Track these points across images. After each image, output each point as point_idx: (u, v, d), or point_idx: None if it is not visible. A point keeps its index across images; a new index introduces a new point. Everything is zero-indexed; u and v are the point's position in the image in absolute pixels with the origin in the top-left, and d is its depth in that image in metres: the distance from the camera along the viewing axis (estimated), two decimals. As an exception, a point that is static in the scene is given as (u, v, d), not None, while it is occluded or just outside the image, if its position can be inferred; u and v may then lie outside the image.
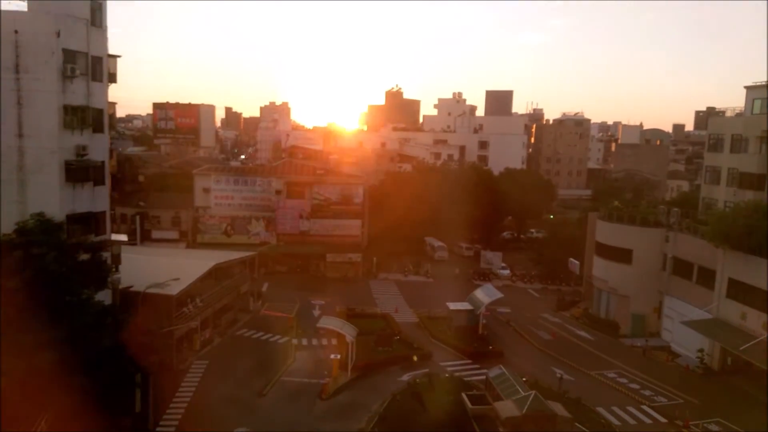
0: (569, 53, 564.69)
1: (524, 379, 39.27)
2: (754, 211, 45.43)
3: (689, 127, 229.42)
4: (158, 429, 35.08)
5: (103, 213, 40.57)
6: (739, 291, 44.69)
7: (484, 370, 41.79)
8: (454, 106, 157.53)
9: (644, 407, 40.10)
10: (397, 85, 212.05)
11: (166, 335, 40.07)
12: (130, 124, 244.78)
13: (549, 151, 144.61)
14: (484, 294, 54.82)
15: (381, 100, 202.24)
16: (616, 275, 56.85)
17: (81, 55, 37.50)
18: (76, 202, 37.89)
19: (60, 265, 29.35)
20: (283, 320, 54.71)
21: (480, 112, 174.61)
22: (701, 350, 47.18)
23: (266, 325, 53.86)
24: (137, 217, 72.89)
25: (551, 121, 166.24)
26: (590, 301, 62.17)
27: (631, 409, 39.80)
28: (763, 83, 55.20)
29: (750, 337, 41.98)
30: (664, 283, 53.84)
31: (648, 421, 38.28)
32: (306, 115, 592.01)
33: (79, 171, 37.88)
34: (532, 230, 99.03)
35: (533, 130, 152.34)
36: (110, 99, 41.48)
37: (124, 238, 48.69)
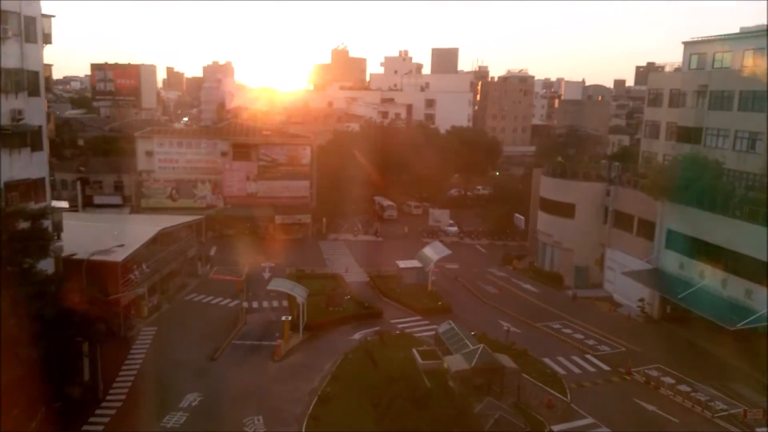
0: (513, 9, 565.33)
1: (472, 333, 40.24)
2: (692, 163, 47.04)
3: (630, 82, 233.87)
4: (108, 397, 34.66)
5: (42, 179, 39.27)
6: (677, 242, 46.47)
7: (434, 326, 42.63)
8: (401, 65, 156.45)
9: (588, 356, 41.70)
10: (342, 44, 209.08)
11: (113, 303, 39.25)
12: (67, 86, 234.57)
13: (494, 109, 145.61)
14: (433, 251, 55.54)
15: (327, 59, 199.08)
16: (559, 229, 58.35)
17: (13, 15, 35.69)
18: (14, 168, 36.45)
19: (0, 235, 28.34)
20: (232, 284, 54.40)
21: (426, 70, 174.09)
22: (642, 300, 49.15)
23: (216, 290, 53.41)
24: (78, 183, 70.60)
25: (496, 79, 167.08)
26: (535, 254, 63.77)
27: (575, 358, 41.34)
28: (701, 39, 56.57)
29: (688, 285, 43.90)
30: (606, 235, 55.56)
31: (592, 369, 39.86)
32: (251, 75, 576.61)
33: (15, 136, 36.42)
34: (479, 187, 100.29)
35: (479, 87, 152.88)
36: (46, 61, 39.82)
37: (65, 204, 47.11)
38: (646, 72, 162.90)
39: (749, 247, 39.17)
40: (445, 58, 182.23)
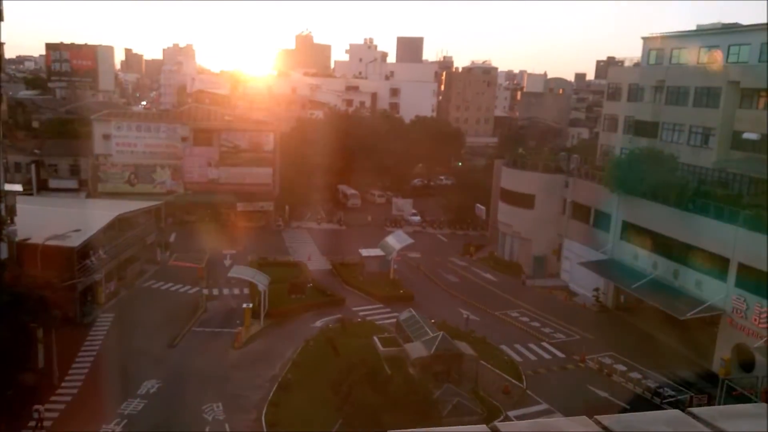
0: (479, 1, 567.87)
1: (433, 320, 40.77)
2: (648, 157, 48.23)
3: (590, 76, 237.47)
4: (63, 384, 34.11)
5: (-6, 162, 38.10)
6: (632, 233, 47.78)
7: (395, 314, 43.03)
8: (366, 52, 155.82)
9: (544, 344, 42.69)
10: (307, 29, 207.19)
11: (68, 288, 38.65)
12: (21, 66, 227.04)
13: (458, 99, 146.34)
14: (396, 240, 55.89)
15: (291, 45, 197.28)
16: (519, 220, 59.30)
17: (-41, -12, 34.38)
18: (-38, 150, 35.29)
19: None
20: (192, 271, 53.84)
21: (392, 59, 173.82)
22: (597, 289, 50.40)
23: (175, 276, 52.81)
24: (32, 166, 68.64)
25: (461, 69, 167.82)
26: (495, 244, 64.67)
27: (532, 345, 42.27)
28: (659, 35, 57.84)
29: (641, 276, 45.17)
30: (564, 226, 56.69)
31: (548, 356, 40.86)
32: (212, 59, 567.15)
33: (-37, 116, 35.22)
34: (442, 177, 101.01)
35: (443, 77, 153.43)
36: (-3, 39, 38.44)
37: (18, 188, 45.85)
38: (606, 66, 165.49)
39: (700, 240, 40.50)
40: (411, 48, 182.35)
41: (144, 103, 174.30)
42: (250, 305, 43.34)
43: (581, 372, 38.74)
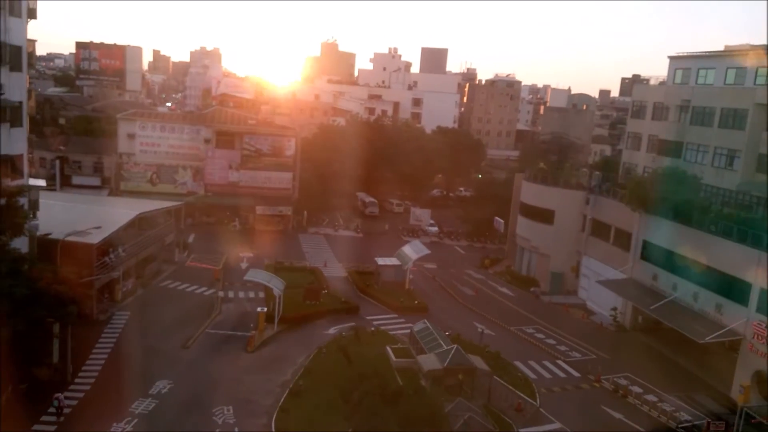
0: (504, 14, 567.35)
1: (447, 333, 40.46)
2: (671, 177, 47.66)
3: (615, 93, 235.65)
4: (77, 380, 34.27)
5: (20, 156, 38.74)
6: (652, 253, 47.15)
7: (409, 325, 42.76)
8: (390, 62, 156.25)
9: (559, 362, 42.17)
10: (332, 37, 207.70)
11: (86, 285, 38.90)
12: (51, 64, 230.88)
13: (480, 111, 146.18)
14: (412, 250, 55.70)
15: (316, 52, 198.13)
16: (538, 234, 58.85)
17: (-4, -13, 35.02)
18: (-9, 144, 35.81)
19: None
20: (209, 272, 54.08)
21: (415, 69, 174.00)
22: (615, 309, 49.77)
23: (192, 277, 53.06)
24: (57, 162, 69.57)
25: (484, 82, 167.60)
26: (513, 258, 64.20)
27: (547, 363, 41.77)
28: (686, 54, 57.29)
29: (660, 297, 44.52)
30: (583, 243, 56.13)
31: (562, 375, 40.32)
32: (238, 63, 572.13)
33: (-6, 111, 35.73)
34: (461, 189, 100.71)
35: (466, 89, 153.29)
36: (30, 36, 39.16)
37: (42, 183, 46.49)
38: (631, 84, 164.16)
39: (722, 263, 39.82)
40: (434, 58, 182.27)
41: (169, 104, 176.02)
42: (265, 309, 43.37)
43: (596, 392, 38.19)
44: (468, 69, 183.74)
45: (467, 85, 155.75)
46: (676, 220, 44.52)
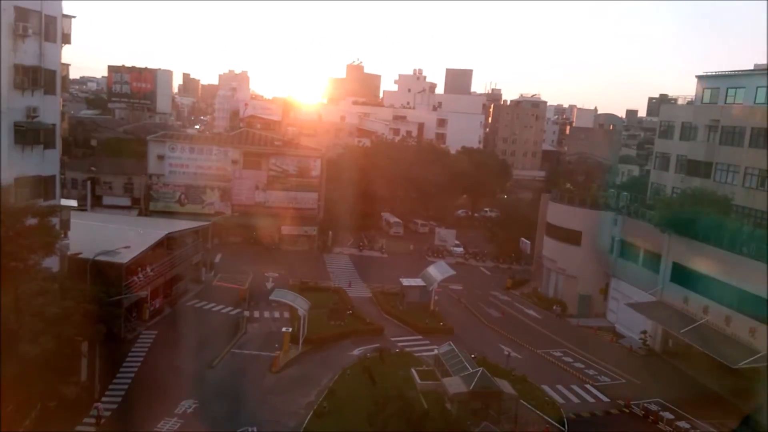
0: (528, 34, 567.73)
1: (473, 355, 40.05)
2: (700, 198, 46.91)
3: (642, 113, 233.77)
4: (103, 398, 34.52)
5: (53, 177, 39.51)
6: (682, 275, 46.21)
7: (434, 347, 42.44)
8: (414, 83, 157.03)
9: (588, 386, 41.41)
10: (358, 59, 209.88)
11: (115, 304, 39.34)
12: (84, 87, 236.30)
13: (505, 132, 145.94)
14: (437, 271, 55.44)
15: (342, 74, 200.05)
16: (564, 256, 58.19)
17: (34, 13, 36.20)
18: (25, 165, 36.72)
19: (6, 230, 28.46)
20: (235, 292, 54.38)
21: (440, 90, 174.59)
22: (644, 332, 48.82)
23: (218, 297, 53.43)
24: (88, 183, 70.91)
25: (509, 102, 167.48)
26: (540, 280, 63.52)
27: (575, 387, 41.04)
28: (714, 73, 56.67)
29: (691, 320, 43.57)
30: (611, 265, 55.33)
31: (591, 399, 39.56)
32: (265, 86, 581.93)
33: (29, 133, 36.76)
34: (486, 209, 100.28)
35: (491, 110, 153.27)
36: (64, 60, 40.23)
37: (73, 203, 47.29)
38: (658, 103, 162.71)
39: (755, 286, 38.89)
40: (459, 79, 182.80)
41: (198, 126, 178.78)
42: (290, 329, 43.41)
43: (626, 418, 37.35)
44: (493, 89, 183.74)
45: (492, 105, 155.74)
46: (706, 242, 43.68)
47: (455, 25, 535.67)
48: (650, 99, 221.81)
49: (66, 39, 39.96)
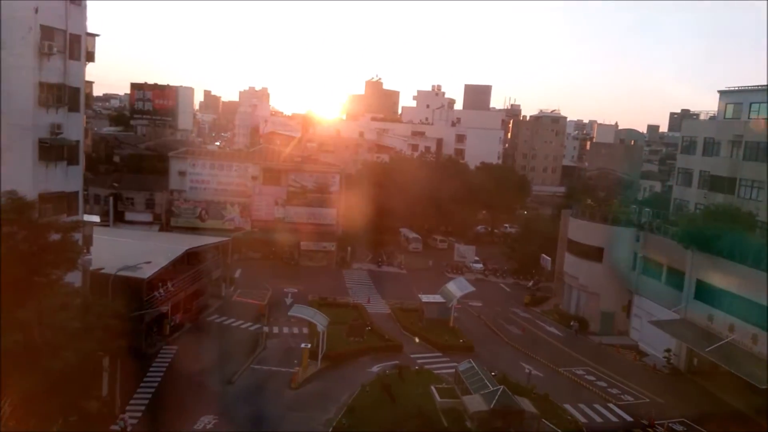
0: (548, 50, 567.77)
1: (493, 373, 39.61)
2: (724, 214, 46.24)
3: (663, 128, 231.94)
4: (124, 414, 34.66)
5: (76, 193, 39.89)
6: (707, 293, 45.45)
7: (454, 364, 42.08)
8: (433, 99, 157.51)
9: (611, 405, 40.70)
10: (377, 75, 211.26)
11: (136, 319, 39.60)
12: (107, 104, 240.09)
13: (525, 147, 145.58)
14: (457, 287, 55.13)
15: (360, 90, 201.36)
16: (586, 272, 57.54)
17: (59, 32, 36.77)
18: (49, 181, 37.16)
19: (30, 245, 28.78)
20: (254, 307, 54.50)
21: (459, 105, 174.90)
22: (668, 350, 48.01)
23: (238, 312, 53.56)
24: (110, 198, 71.79)
25: (528, 118, 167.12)
26: (561, 297, 62.87)
27: (597, 406, 40.37)
28: (737, 88, 56.12)
29: (716, 338, 42.78)
30: (634, 282, 54.62)
31: (614, 419, 38.87)
32: (285, 102, 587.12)
33: (53, 150, 37.21)
34: (506, 225, 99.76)
35: (510, 125, 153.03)
36: (87, 77, 40.79)
37: (96, 219, 47.88)
38: (680, 119, 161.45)
39: (782, 303, 38.13)
40: (478, 95, 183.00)
41: (218, 143, 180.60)
42: (309, 346, 43.35)
43: (649, 438, 36.66)
44: (512, 105, 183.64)
45: (511, 121, 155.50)
46: (731, 259, 42.96)
47: (474, 42, 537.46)
48: (672, 114, 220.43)
49: (90, 57, 40.59)
